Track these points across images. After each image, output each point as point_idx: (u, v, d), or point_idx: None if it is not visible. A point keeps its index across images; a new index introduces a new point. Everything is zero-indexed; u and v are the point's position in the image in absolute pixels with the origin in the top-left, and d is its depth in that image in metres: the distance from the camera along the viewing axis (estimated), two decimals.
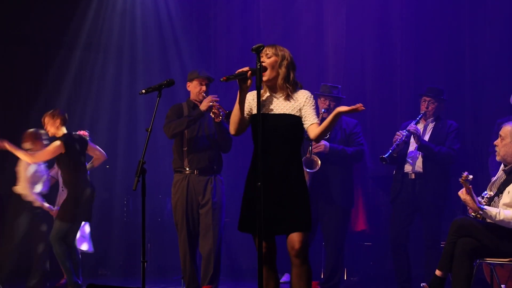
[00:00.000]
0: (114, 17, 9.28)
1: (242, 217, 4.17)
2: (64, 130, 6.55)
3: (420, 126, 6.49)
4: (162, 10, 9.37)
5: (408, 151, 6.41)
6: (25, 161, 6.66)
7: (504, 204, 4.89)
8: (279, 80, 4.19)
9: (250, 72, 4.04)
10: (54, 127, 6.53)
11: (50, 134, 6.65)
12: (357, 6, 8.32)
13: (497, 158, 5.16)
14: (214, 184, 5.77)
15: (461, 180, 4.76)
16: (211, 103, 5.58)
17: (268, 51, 4.18)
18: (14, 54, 8.99)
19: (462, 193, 4.84)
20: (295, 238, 4.06)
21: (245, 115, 4.22)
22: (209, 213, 5.71)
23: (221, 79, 4.10)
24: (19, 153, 6.56)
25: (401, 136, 6.25)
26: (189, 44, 9.35)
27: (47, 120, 6.56)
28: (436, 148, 6.26)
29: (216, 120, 5.63)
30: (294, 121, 4.16)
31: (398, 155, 6.39)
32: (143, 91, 4.73)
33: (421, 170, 6.34)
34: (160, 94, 4.71)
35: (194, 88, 5.84)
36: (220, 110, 5.57)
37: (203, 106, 5.62)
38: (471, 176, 4.80)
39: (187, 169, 5.74)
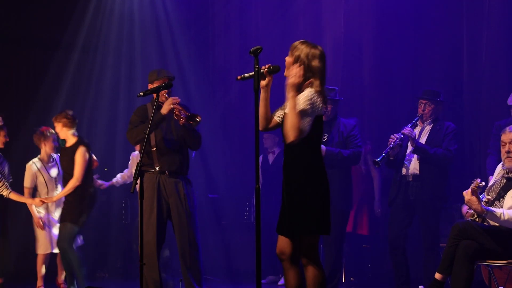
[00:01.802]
0: (112, 19, 9.29)
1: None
2: (70, 133, 6.50)
3: (418, 129, 6.50)
4: (160, 12, 9.38)
5: (406, 154, 6.42)
6: (73, 188, 6.41)
7: (509, 208, 4.92)
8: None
9: (266, 70, 4.00)
10: (58, 130, 6.54)
11: (60, 137, 6.63)
12: (355, 8, 8.33)
13: (507, 166, 5.13)
14: (186, 189, 5.66)
15: (474, 187, 4.76)
16: (172, 106, 5.44)
17: (290, 48, 4.15)
18: (12, 55, 8.99)
19: (467, 194, 4.83)
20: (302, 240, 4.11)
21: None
22: (184, 218, 5.59)
23: (237, 78, 4.08)
24: (64, 192, 6.47)
25: (395, 139, 6.26)
26: (187, 46, 9.36)
27: (55, 124, 6.57)
28: (431, 150, 6.27)
29: (180, 123, 5.51)
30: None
31: (396, 158, 6.40)
32: (141, 93, 4.74)
33: (417, 172, 6.35)
34: (158, 96, 4.72)
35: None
36: (182, 112, 5.44)
37: (164, 110, 5.45)
38: (483, 183, 4.82)
39: (157, 169, 5.62)
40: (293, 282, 4.10)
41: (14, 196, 6.63)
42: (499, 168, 5.34)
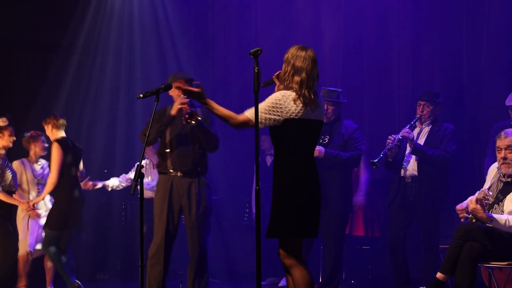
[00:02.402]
0: (112, 21, 9.33)
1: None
2: (59, 134, 6.66)
3: (417, 130, 6.53)
4: (159, 15, 9.42)
5: (405, 155, 6.43)
6: (53, 183, 6.54)
7: (509, 212, 4.94)
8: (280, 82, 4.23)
9: (274, 76, 4.23)
10: (48, 132, 6.72)
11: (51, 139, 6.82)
12: (355, 10, 8.36)
13: (504, 171, 5.13)
14: (198, 189, 5.68)
15: (480, 197, 4.76)
16: (180, 106, 5.50)
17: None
18: (13, 58, 9.03)
19: (472, 203, 4.84)
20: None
21: None
22: (194, 218, 5.63)
23: (262, 85, 4.17)
24: (46, 190, 6.62)
25: (393, 140, 6.28)
26: (186, 49, 9.39)
27: (44, 126, 6.76)
28: (429, 151, 6.29)
29: (190, 124, 5.54)
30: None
31: (395, 159, 6.41)
32: (141, 95, 4.73)
33: (416, 173, 6.37)
34: (158, 98, 4.71)
35: (173, 92, 5.62)
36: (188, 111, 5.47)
37: (173, 110, 5.55)
38: (490, 193, 4.84)
39: (171, 170, 5.67)
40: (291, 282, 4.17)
41: (2, 196, 6.67)
42: (493, 170, 5.32)
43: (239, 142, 8.90)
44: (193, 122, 5.42)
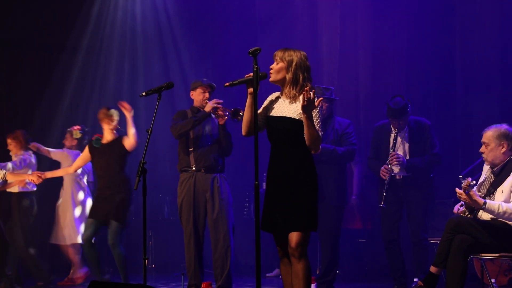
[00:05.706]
0: (115, 22, 9.45)
1: (262, 217, 4.29)
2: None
3: (398, 138, 6.45)
4: (161, 16, 9.55)
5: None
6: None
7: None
8: (285, 85, 4.27)
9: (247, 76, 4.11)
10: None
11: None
12: (351, 10, 8.45)
13: (486, 164, 5.29)
14: (220, 183, 6.04)
15: (465, 186, 4.86)
16: (215, 105, 5.86)
17: (277, 55, 4.28)
18: (19, 58, 9.16)
19: (462, 194, 4.93)
20: (291, 237, 4.17)
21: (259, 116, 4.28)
22: (217, 210, 5.97)
23: (225, 85, 4.23)
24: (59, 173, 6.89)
25: (388, 174, 6.28)
26: (188, 48, 9.50)
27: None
28: (421, 163, 6.30)
29: (221, 123, 5.92)
30: (294, 125, 4.20)
31: (384, 158, 6.47)
32: (144, 93, 4.85)
33: (405, 173, 6.38)
34: (160, 96, 4.81)
35: (197, 95, 6.13)
36: (225, 111, 5.84)
37: (207, 108, 5.92)
38: (474, 182, 4.94)
39: (194, 167, 6.01)
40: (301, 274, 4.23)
41: (10, 177, 6.84)
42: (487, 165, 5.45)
43: (238, 137, 8.99)
44: (239, 118, 5.71)
